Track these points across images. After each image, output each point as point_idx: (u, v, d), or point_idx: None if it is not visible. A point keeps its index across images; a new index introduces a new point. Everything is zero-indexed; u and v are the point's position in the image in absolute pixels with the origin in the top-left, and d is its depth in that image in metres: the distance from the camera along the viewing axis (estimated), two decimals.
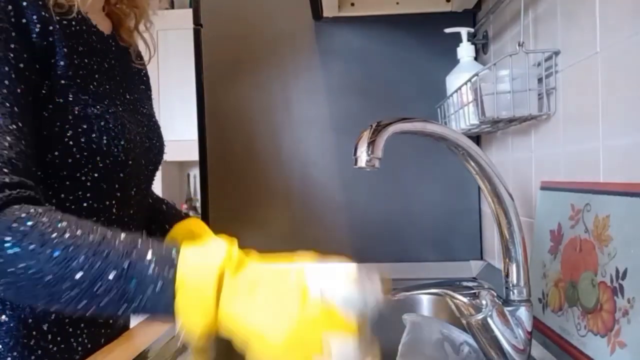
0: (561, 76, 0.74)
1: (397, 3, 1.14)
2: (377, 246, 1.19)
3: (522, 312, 0.62)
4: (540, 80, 0.77)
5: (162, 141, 0.84)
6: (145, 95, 0.85)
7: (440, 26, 1.06)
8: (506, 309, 0.61)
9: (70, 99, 0.63)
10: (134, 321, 0.85)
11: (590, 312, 0.60)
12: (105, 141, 0.66)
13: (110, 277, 0.49)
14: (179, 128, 2.89)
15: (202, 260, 0.52)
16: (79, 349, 0.71)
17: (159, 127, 0.84)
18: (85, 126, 0.64)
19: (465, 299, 0.60)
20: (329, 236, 1.20)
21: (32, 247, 0.48)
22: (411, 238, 1.19)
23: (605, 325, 0.57)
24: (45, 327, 0.66)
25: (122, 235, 0.52)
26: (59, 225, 0.50)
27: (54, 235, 0.50)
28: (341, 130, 1.20)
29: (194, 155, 1.23)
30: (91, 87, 0.67)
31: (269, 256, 0.57)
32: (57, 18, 0.63)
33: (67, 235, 0.50)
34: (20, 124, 0.56)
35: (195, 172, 3.41)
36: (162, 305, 0.50)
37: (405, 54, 1.18)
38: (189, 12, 1.27)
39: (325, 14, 1.15)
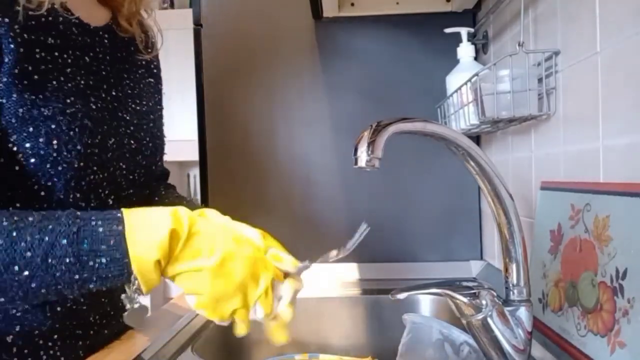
0: (561, 76, 0.73)
1: (397, 3, 1.14)
2: (377, 246, 1.19)
3: (522, 312, 0.62)
4: (540, 80, 0.77)
5: (158, 140, 0.78)
6: (148, 89, 0.79)
7: (440, 26, 1.06)
8: (506, 309, 0.61)
9: (14, 98, 0.57)
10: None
11: (590, 312, 0.60)
12: (55, 146, 0.60)
13: (64, 242, 0.50)
14: (179, 128, 2.91)
15: (148, 213, 0.55)
16: None
17: (155, 126, 0.78)
18: (30, 129, 0.58)
19: (465, 299, 0.60)
20: (329, 236, 1.19)
21: None
22: (411, 238, 1.19)
23: (605, 325, 0.57)
24: (9, 340, 0.62)
25: (59, 211, 0.53)
26: None
27: None
28: (341, 130, 1.20)
29: (194, 155, 1.23)
30: (54, 82, 0.61)
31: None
32: (15, 9, 0.58)
33: (5, 223, 0.50)
34: None
35: (195, 172, 3.41)
36: (118, 264, 0.51)
37: (405, 54, 1.18)
38: (189, 12, 1.27)
39: (325, 14, 1.15)
